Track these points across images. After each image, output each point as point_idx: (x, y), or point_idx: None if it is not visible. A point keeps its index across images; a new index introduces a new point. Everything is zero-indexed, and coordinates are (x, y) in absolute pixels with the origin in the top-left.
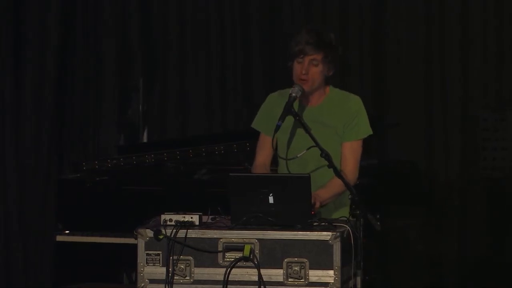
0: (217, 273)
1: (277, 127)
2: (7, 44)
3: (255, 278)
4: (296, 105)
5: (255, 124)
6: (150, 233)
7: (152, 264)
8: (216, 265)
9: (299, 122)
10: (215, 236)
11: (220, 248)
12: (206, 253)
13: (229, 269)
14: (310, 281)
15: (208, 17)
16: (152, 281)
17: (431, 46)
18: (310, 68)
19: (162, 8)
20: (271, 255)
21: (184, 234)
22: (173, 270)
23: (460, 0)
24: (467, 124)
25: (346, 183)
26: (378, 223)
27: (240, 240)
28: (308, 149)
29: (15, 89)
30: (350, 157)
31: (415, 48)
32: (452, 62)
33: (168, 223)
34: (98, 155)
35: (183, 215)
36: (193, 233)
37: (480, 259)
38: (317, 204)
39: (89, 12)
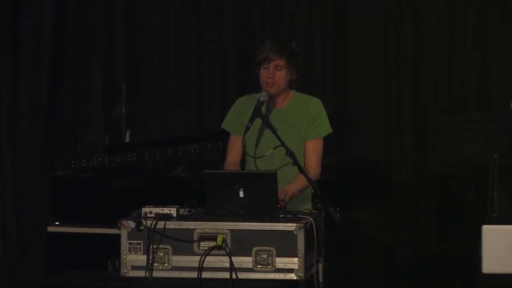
0: (193, 261)
1: (247, 129)
2: (4, 50)
3: (227, 265)
4: (263, 108)
5: (225, 125)
6: (132, 224)
7: (134, 252)
8: (192, 253)
9: (267, 124)
10: (191, 227)
11: (195, 238)
12: (182, 242)
13: (203, 256)
14: (276, 267)
15: (187, 28)
16: (134, 267)
17: (387, 52)
18: (275, 73)
19: (145, 27)
20: (242, 244)
21: (163, 225)
22: (153, 257)
23: (414, 7)
24: (419, 125)
25: (308, 179)
26: (338, 215)
27: (214, 231)
28: (274, 148)
29: (13, 95)
30: (313, 154)
31: (375, 54)
32: (407, 69)
33: (149, 215)
34: (86, 154)
35: (162, 208)
36: (171, 224)
37: (430, 247)
38: (287, 198)
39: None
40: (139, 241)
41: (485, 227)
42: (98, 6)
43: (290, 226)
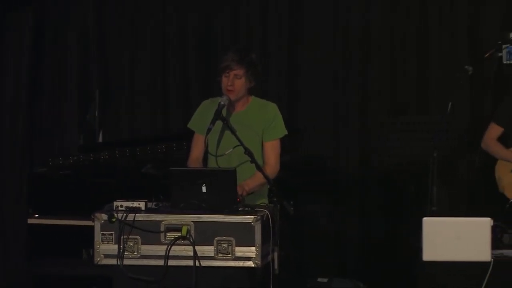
0: (160, 250)
1: (209, 130)
2: None
3: (191, 253)
4: (224, 111)
5: (190, 125)
6: (104, 216)
7: (106, 242)
8: (159, 243)
9: (227, 126)
10: (158, 219)
11: (162, 229)
12: (150, 233)
13: (169, 246)
14: (236, 256)
15: (155, 37)
16: (107, 256)
17: (337, 61)
18: (234, 80)
19: (115, 36)
20: (204, 234)
21: (133, 217)
22: (124, 247)
23: (362, 19)
24: (365, 127)
25: (265, 176)
26: (292, 208)
27: (179, 222)
28: (234, 147)
29: None
30: (271, 153)
31: (324, 60)
32: (353, 75)
33: (120, 208)
34: (62, 153)
35: (132, 202)
36: (140, 217)
37: (376, 237)
38: (245, 192)
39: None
40: (111, 232)
41: (425, 219)
42: (73, 15)
43: (248, 218)
